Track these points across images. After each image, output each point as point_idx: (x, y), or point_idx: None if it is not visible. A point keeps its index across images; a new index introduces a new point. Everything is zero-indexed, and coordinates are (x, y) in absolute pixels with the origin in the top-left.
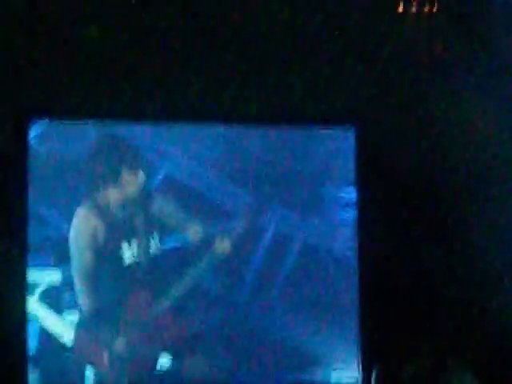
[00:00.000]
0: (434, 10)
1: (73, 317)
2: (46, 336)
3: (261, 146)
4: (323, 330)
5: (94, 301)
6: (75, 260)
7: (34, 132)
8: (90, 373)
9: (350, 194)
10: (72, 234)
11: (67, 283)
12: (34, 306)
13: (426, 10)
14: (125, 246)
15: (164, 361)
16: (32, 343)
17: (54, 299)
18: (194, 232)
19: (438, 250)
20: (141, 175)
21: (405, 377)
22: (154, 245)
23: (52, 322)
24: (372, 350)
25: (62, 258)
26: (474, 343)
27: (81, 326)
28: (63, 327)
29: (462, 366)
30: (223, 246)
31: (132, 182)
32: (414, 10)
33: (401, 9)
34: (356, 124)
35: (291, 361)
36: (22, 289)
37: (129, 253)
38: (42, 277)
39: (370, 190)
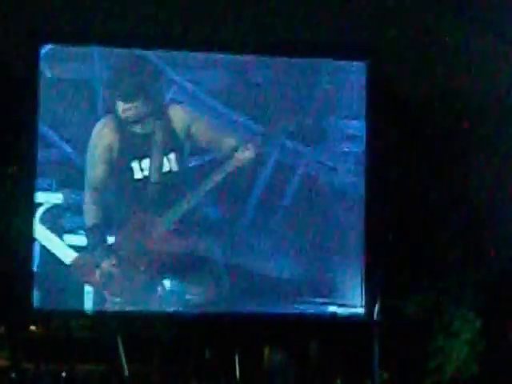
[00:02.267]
0: None
1: (72, 240)
2: (48, 256)
3: (267, 76)
4: (325, 262)
5: (97, 216)
6: (88, 172)
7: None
8: (88, 292)
9: (355, 127)
10: (89, 147)
11: (68, 207)
12: (36, 227)
13: None
14: (136, 163)
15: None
16: (35, 262)
17: (55, 222)
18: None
19: (447, 188)
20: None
21: (407, 313)
22: (168, 164)
23: (53, 244)
24: (375, 285)
25: (64, 182)
26: (476, 282)
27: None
28: (63, 248)
29: (465, 304)
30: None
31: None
32: None
33: None
34: (369, 58)
35: (292, 293)
36: (28, 210)
37: (140, 170)
38: (45, 199)
39: (380, 124)
